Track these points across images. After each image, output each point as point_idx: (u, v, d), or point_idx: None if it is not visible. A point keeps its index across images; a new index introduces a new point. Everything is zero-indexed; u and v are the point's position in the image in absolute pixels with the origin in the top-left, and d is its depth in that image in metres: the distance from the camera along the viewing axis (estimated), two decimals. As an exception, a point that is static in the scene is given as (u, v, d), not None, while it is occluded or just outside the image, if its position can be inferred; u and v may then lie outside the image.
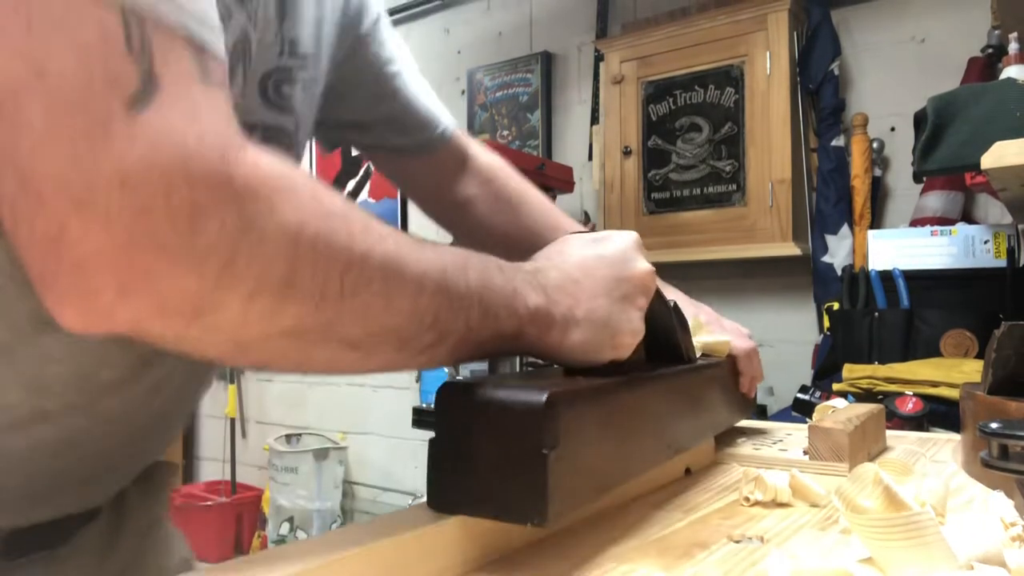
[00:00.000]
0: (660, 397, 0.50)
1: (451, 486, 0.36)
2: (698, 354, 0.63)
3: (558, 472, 0.35)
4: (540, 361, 0.48)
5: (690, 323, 0.63)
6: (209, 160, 0.29)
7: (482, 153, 0.79)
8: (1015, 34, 1.38)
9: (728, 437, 0.72)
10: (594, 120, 2.56)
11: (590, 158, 2.56)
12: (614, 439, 0.43)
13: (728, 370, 0.68)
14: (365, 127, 0.72)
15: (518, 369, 2.77)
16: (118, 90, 0.27)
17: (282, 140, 0.53)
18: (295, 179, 0.33)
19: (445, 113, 0.76)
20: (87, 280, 0.28)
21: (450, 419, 0.37)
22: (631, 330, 0.46)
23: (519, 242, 0.76)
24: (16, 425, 0.41)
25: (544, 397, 0.35)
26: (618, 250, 0.48)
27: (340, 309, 0.33)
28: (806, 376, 1.91)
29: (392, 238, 0.36)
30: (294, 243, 0.31)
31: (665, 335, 0.54)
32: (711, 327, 0.70)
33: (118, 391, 0.43)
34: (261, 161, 0.31)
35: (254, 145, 0.32)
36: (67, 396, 0.41)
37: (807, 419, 0.77)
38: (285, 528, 2.98)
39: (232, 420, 3.51)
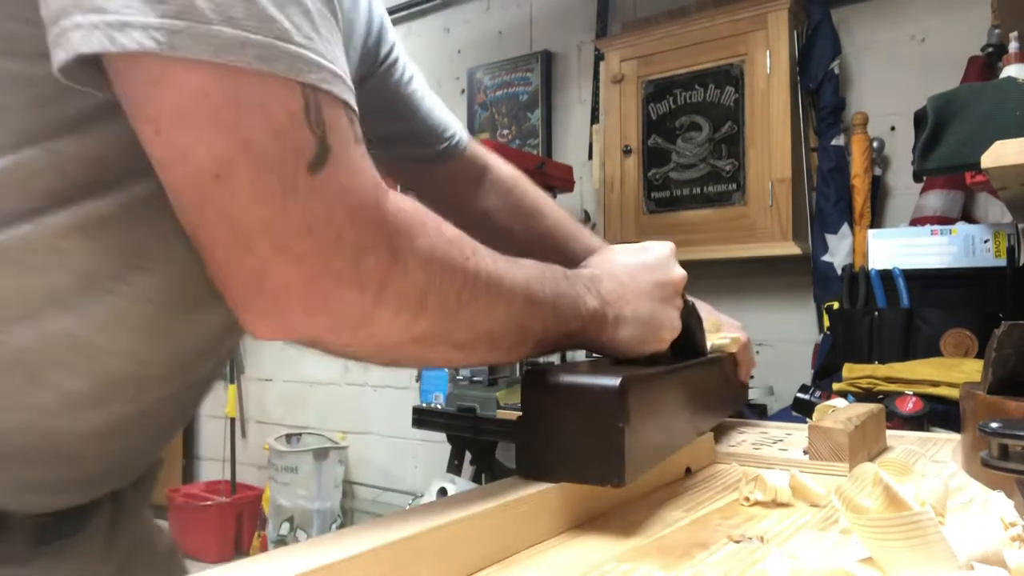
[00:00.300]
0: (690, 385, 0.58)
1: (540, 456, 0.43)
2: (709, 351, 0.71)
3: (630, 443, 0.41)
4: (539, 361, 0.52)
5: (706, 324, 0.71)
6: (367, 208, 0.37)
7: (501, 165, 0.84)
8: (1015, 33, 1.38)
9: (728, 437, 0.72)
10: (594, 119, 2.56)
11: (590, 157, 2.56)
12: (664, 417, 0.51)
13: (730, 363, 0.75)
14: (385, 142, 0.75)
15: (518, 363, 2.78)
16: (303, 157, 0.35)
17: None
18: (424, 216, 0.41)
19: (459, 124, 0.80)
20: (282, 304, 0.36)
21: (537, 400, 0.44)
22: (671, 327, 0.56)
23: (537, 251, 0.79)
24: (76, 409, 0.44)
25: (618, 381, 0.42)
26: (658, 258, 0.57)
27: (456, 319, 0.42)
28: (806, 376, 1.91)
29: (491, 257, 0.44)
30: (427, 268, 0.39)
31: (686, 332, 0.61)
32: (722, 328, 0.78)
33: (159, 387, 0.48)
34: (400, 204, 0.39)
35: (389, 189, 0.39)
36: (122, 387, 0.46)
37: (807, 419, 0.78)
38: (285, 528, 2.98)
39: (232, 420, 3.50)
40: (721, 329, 0.76)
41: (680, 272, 0.58)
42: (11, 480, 0.44)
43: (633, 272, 0.55)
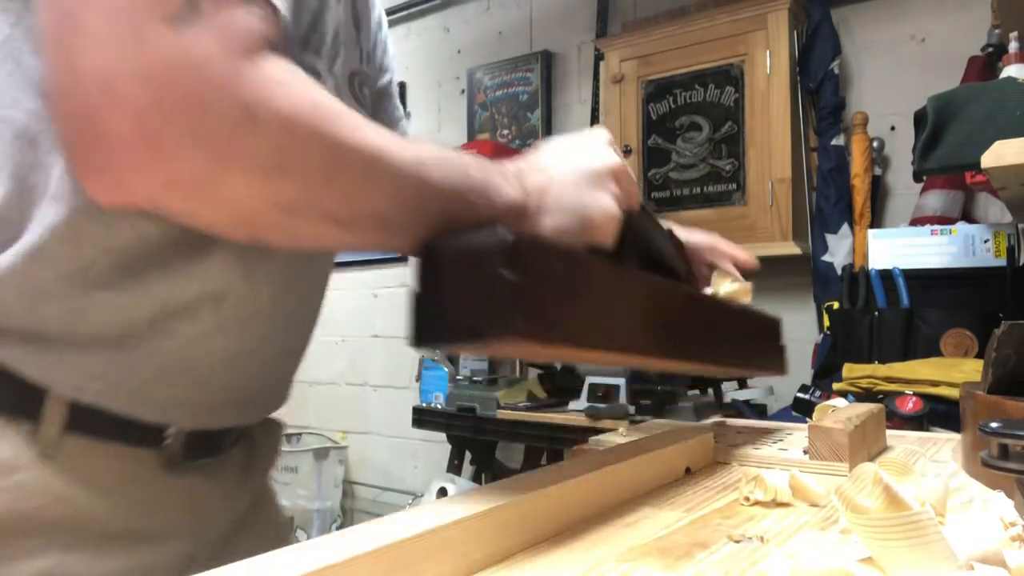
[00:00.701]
0: (653, 294, 0.53)
1: (431, 323, 0.41)
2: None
3: (523, 296, 0.38)
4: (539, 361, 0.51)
5: (714, 275, 0.70)
6: (221, 67, 0.35)
7: None
8: (1015, 33, 1.38)
9: (728, 437, 0.73)
10: (594, 119, 2.56)
11: (590, 157, 2.55)
12: (590, 300, 0.45)
13: (759, 322, 0.72)
14: None
15: (518, 363, 2.78)
16: (159, 8, 0.34)
17: None
18: (292, 78, 0.39)
19: None
20: (115, 158, 0.35)
21: (428, 266, 0.41)
22: (602, 212, 0.49)
23: None
24: (206, 335, 0.52)
25: (504, 232, 0.39)
26: (590, 146, 0.52)
27: (327, 189, 0.39)
28: (806, 375, 1.91)
29: (374, 132, 0.41)
30: (286, 130, 0.37)
31: (658, 254, 0.57)
32: (729, 272, 0.75)
33: (269, 315, 0.54)
34: (268, 65, 0.37)
35: (273, 55, 0.38)
36: (240, 309, 0.52)
37: (807, 419, 0.78)
38: (285, 527, 2.98)
39: (232, 420, 3.50)
40: (727, 278, 0.73)
41: (614, 159, 0.52)
42: (167, 398, 0.52)
43: (560, 161, 0.51)
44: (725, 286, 0.72)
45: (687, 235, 0.74)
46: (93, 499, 0.49)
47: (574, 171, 0.50)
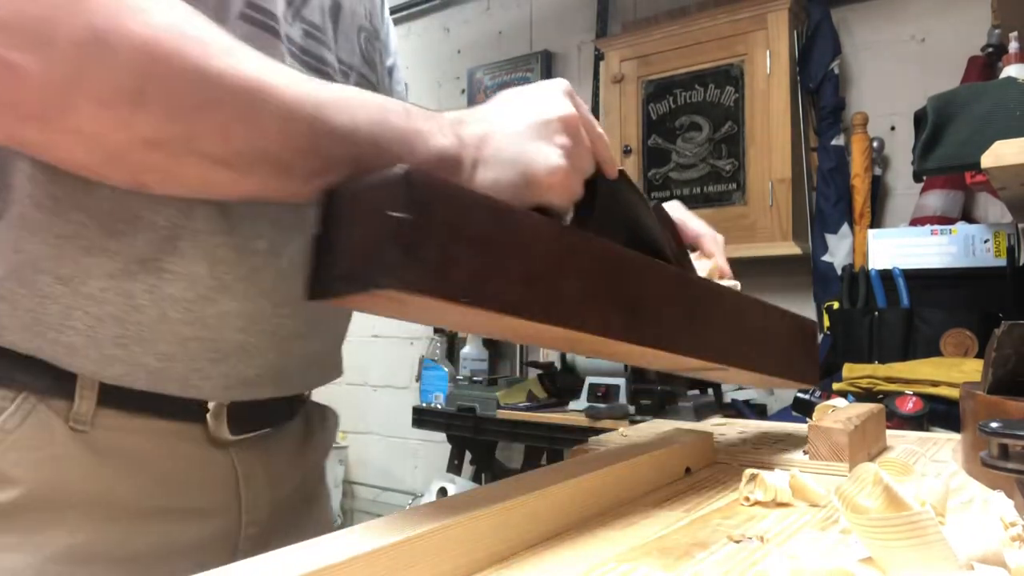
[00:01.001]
0: (614, 265, 0.46)
1: (322, 274, 0.36)
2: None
3: (413, 240, 0.34)
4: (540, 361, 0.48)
5: (708, 270, 0.64)
6: None
7: None
8: (1015, 33, 1.38)
9: (728, 437, 0.73)
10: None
11: (590, 157, 2.55)
12: (512, 259, 0.39)
13: (785, 322, 0.65)
14: None
15: (518, 358, 2.78)
16: None
17: None
18: (155, 3, 0.36)
19: None
20: None
21: (324, 213, 0.37)
22: (546, 165, 0.44)
23: None
24: (208, 298, 0.51)
25: (399, 169, 0.34)
26: (541, 96, 0.47)
27: (197, 123, 0.37)
28: (806, 375, 1.91)
29: (256, 63, 0.38)
30: (143, 55, 0.35)
31: (640, 229, 0.51)
32: (725, 277, 0.71)
33: (268, 271, 0.53)
34: None
35: None
36: (236, 266, 0.51)
37: (807, 419, 0.78)
38: (285, 527, 2.98)
39: (232, 419, 3.50)
40: (724, 277, 0.68)
41: (568, 109, 0.46)
42: (190, 372, 0.51)
43: (506, 112, 0.46)
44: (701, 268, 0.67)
45: (686, 215, 0.72)
46: (128, 475, 0.49)
47: (518, 121, 0.45)
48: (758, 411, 2.02)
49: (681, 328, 0.51)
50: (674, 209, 0.71)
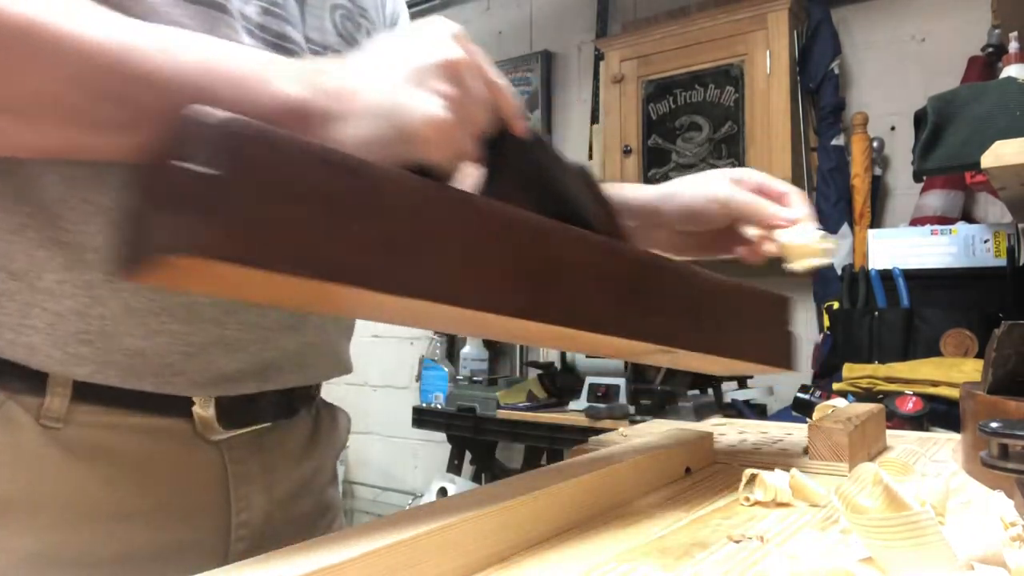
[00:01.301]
0: (523, 235, 0.40)
1: (125, 243, 0.31)
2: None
3: (220, 197, 0.28)
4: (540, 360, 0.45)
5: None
6: None
7: None
8: (1015, 33, 1.38)
9: (728, 437, 0.73)
10: (594, 119, 2.56)
11: (590, 157, 2.55)
12: (372, 224, 0.33)
13: (749, 299, 0.57)
14: None
15: (518, 358, 2.77)
16: None
17: None
18: None
19: None
20: None
21: (135, 175, 0.32)
22: (423, 117, 0.38)
23: None
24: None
25: (202, 116, 0.29)
26: (421, 36, 0.41)
27: None
28: (806, 376, 1.91)
29: (45, 3, 0.35)
30: None
31: (555, 191, 0.45)
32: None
33: None
34: None
35: None
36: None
37: (807, 419, 0.78)
38: (285, 527, 2.98)
39: (232, 420, 3.50)
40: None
41: (452, 53, 0.40)
42: (162, 368, 0.49)
43: (378, 60, 0.40)
44: (788, 236, 0.58)
45: (766, 177, 0.65)
46: (105, 473, 0.47)
47: (392, 67, 0.39)
48: (758, 411, 2.02)
49: (609, 305, 0.44)
50: (752, 173, 0.67)
